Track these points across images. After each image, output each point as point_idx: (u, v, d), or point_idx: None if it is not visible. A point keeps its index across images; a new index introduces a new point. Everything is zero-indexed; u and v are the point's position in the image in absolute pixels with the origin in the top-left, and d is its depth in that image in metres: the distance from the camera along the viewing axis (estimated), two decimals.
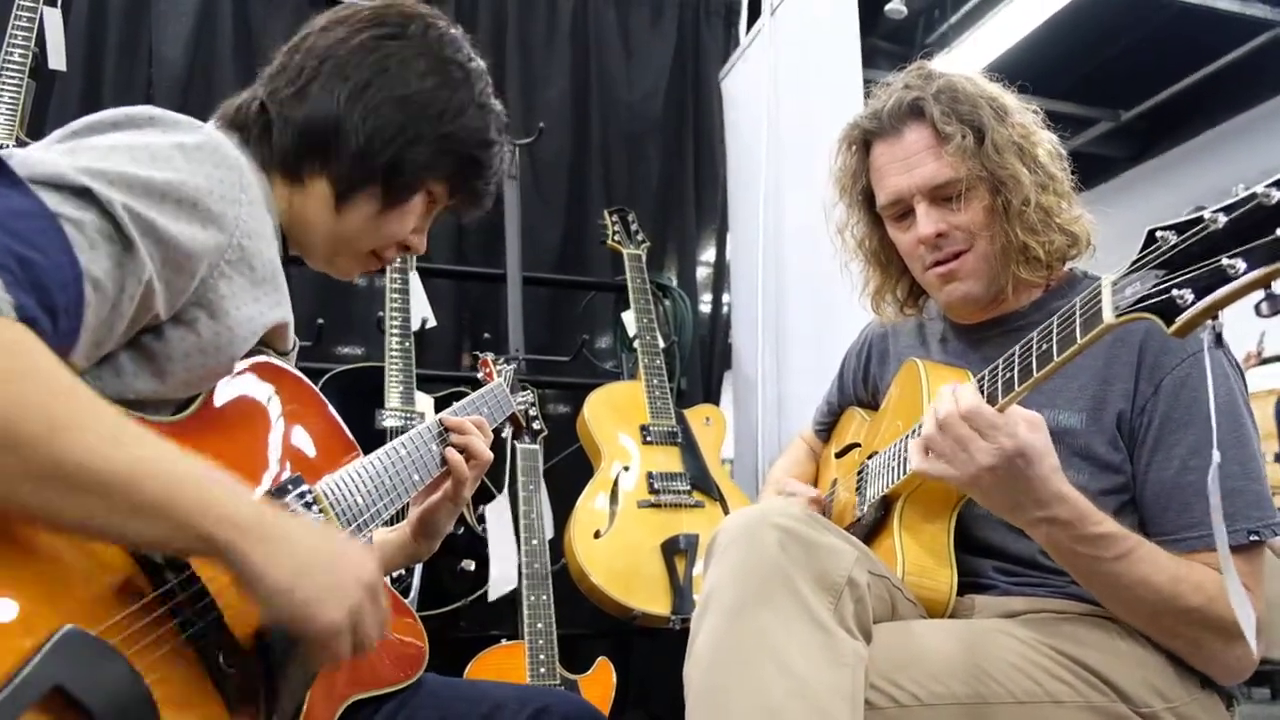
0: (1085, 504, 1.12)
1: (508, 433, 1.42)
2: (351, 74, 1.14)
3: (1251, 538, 1.18)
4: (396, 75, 1.15)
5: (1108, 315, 0.95)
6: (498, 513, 2.18)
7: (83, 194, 0.82)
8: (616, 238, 3.19)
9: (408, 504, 1.26)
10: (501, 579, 2.31)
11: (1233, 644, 1.14)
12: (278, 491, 1.00)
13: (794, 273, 3.08)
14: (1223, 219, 0.84)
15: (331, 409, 1.18)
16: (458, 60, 1.20)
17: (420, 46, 1.18)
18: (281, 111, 1.13)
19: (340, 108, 1.13)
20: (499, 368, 1.66)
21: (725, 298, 3.81)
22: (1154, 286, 0.89)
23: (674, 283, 3.50)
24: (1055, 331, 1.04)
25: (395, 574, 2.35)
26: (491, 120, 1.24)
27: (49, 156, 0.84)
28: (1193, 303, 0.84)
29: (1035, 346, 1.08)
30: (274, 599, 0.83)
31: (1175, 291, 0.86)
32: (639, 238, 3.21)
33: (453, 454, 1.29)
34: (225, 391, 1.01)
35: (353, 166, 1.14)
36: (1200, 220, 0.86)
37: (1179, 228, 0.88)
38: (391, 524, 1.30)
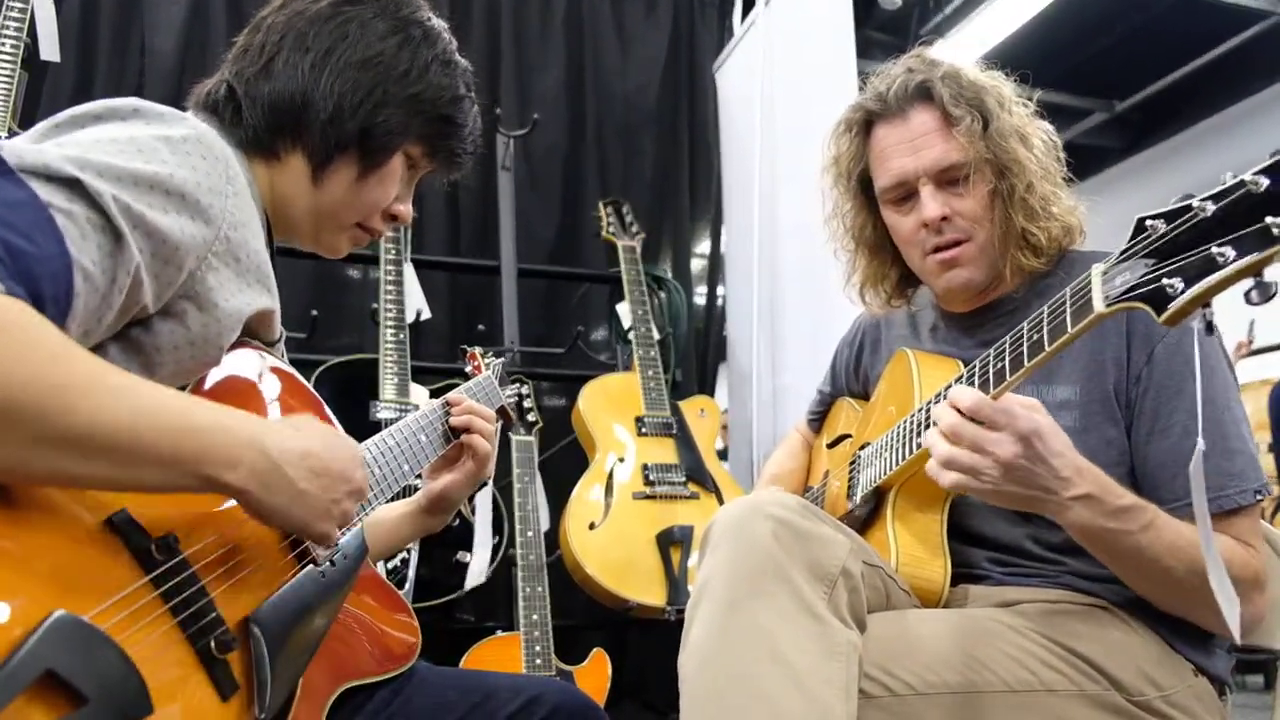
0: (1105, 476, 1.11)
1: (497, 426, 1.42)
2: (312, 44, 1.14)
3: (1257, 496, 1.20)
4: (357, 39, 1.15)
5: (1098, 305, 0.95)
6: (484, 505, 2.19)
7: (72, 185, 0.82)
8: (611, 229, 3.19)
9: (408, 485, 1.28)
10: (479, 570, 2.30)
11: (1245, 601, 1.14)
12: None
13: (789, 264, 3.08)
14: (1211, 207, 0.84)
15: (322, 403, 1.17)
16: (417, 19, 1.20)
17: (377, 9, 1.17)
18: (248, 91, 1.13)
19: (305, 78, 1.13)
20: (487, 361, 1.65)
21: (720, 289, 3.82)
22: (1144, 275, 0.89)
23: (669, 274, 3.51)
24: (1046, 321, 1.04)
25: (391, 565, 2.35)
26: (458, 76, 1.23)
27: (36, 147, 0.84)
28: (1182, 291, 0.84)
29: (1026, 336, 1.07)
30: (271, 520, 0.90)
31: (1165, 280, 0.86)
32: (634, 229, 3.21)
33: (477, 439, 1.36)
34: (215, 382, 1.00)
35: (324, 136, 1.14)
36: (1189, 208, 0.86)
37: (1168, 216, 0.88)
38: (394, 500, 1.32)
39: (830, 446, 1.67)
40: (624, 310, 3.11)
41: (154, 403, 0.79)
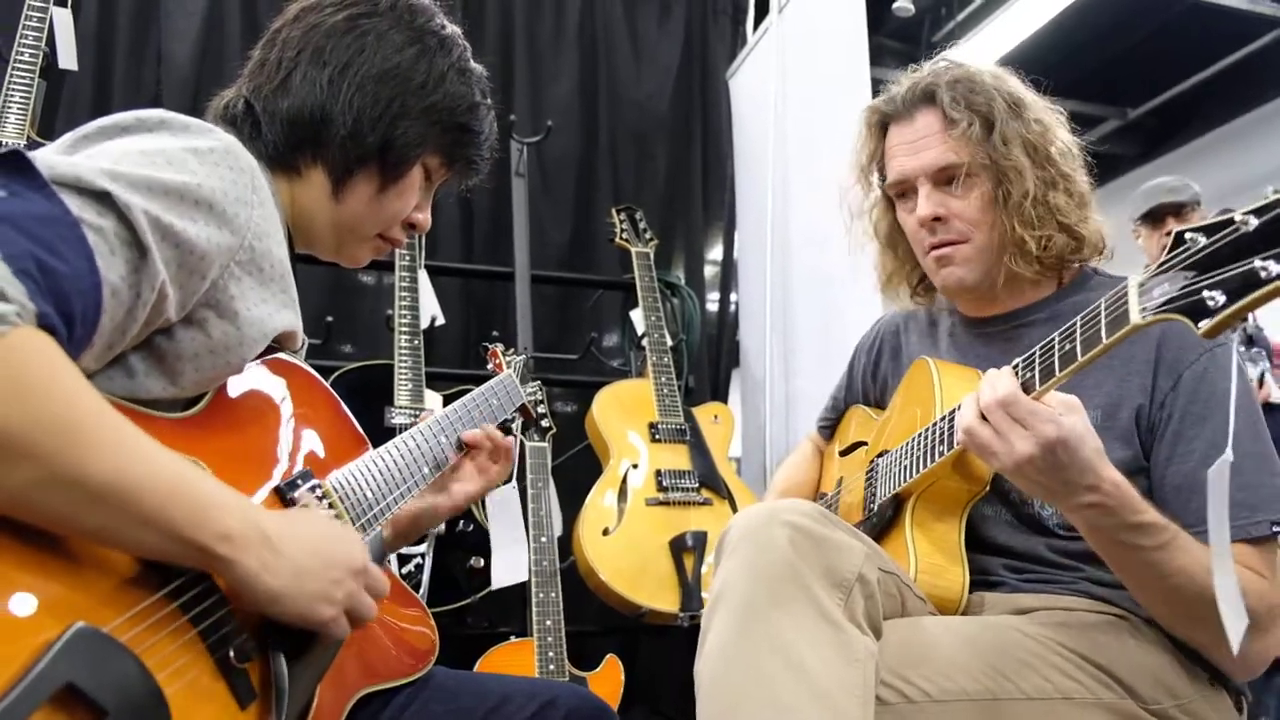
0: (1129, 490, 1.11)
1: (518, 424, 1.42)
2: (330, 58, 1.13)
3: (1274, 529, 1.18)
4: (374, 52, 1.15)
5: (1134, 316, 0.94)
6: (501, 503, 2.16)
7: (102, 198, 0.82)
8: (624, 236, 3.20)
9: None
10: (505, 569, 2.28)
11: (1253, 638, 1.14)
12: (288, 486, 1.00)
13: (801, 271, 3.09)
14: (1254, 221, 0.83)
15: (342, 404, 1.18)
16: (432, 29, 1.20)
17: (393, 19, 1.17)
18: (267, 107, 1.13)
19: (324, 93, 1.13)
20: (508, 359, 1.65)
21: (733, 296, 3.81)
22: (1182, 288, 0.88)
23: (682, 281, 3.50)
24: (1079, 332, 1.04)
25: (405, 570, 2.36)
26: (474, 83, 1.23)
27: (68, 158, 0.84)
28: (1224, 305, 0.84)
29: (1058, 346, 1.07)
30: (270, 605, 0.87)
31: (1206, 293, 0.85)
32: (647, 236, 3.21)
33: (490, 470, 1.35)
34: (236, 387, 1.01)
35: (344, 150, 1.14)
36: (1230, 222, 0.85)
37: (1208, 230, 0.88)
38: None
39: (843, 454, 1.67)
40: (637, 316, 3.11)
41: (155, 464, 0.79)
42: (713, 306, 3.88)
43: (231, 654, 0.86)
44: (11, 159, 0.79)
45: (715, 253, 4.00)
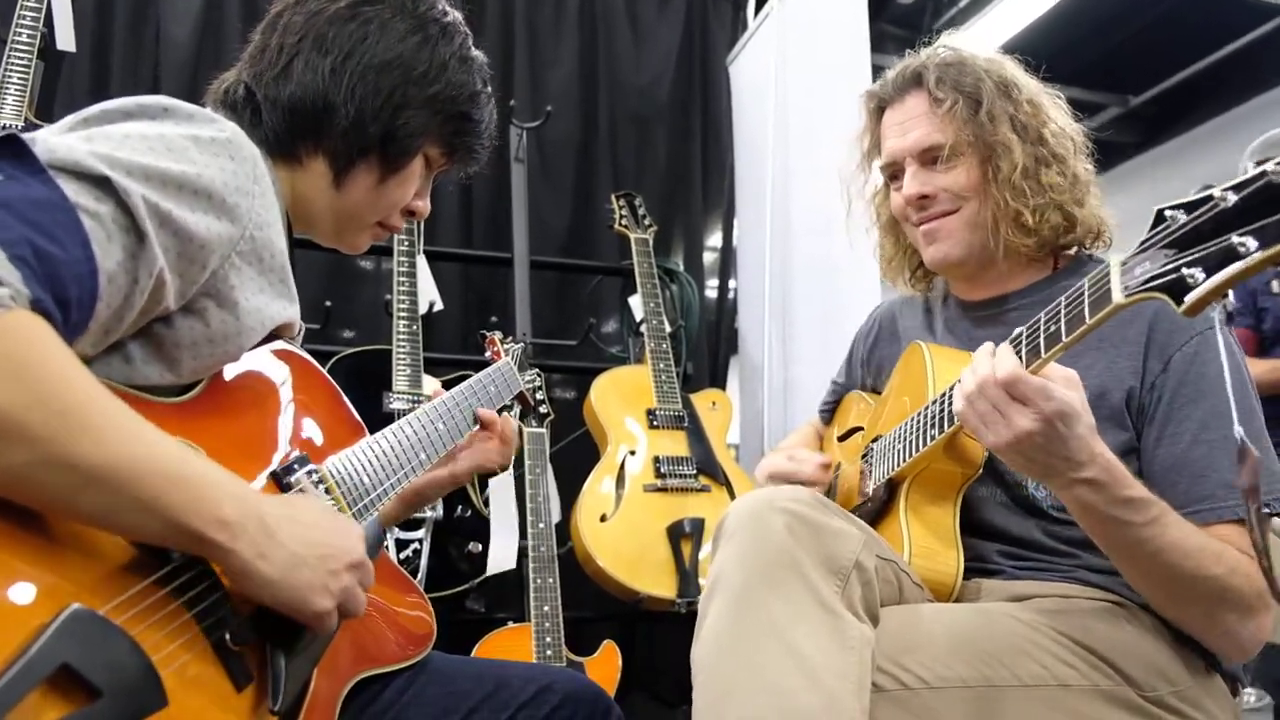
0: (1119, 467, 1.10)
1: (515, 411, 1.43)
2: (332, 46, 1.13)
3: (1266, 509, 1.18)
4: (377, 41, 1.14)
5: (1117, 295, 0.94)
6: (501, 490, 2.17)
7: (101, 183, 0.81)
8: (624, 222, 3.19)
9: None
10: (501, 557, 2.29)
11: (1246, 619, 1.15)
12: (284, 471, 1.00)
13: (800, 258, 3.08)
14: (1232, 197, 0.84)
15: (339, 391, 1.18)
16: (434, 16, 1.19)
17: (396, 7, 1.17)
18: (268, 94, 1.13)
19: (326, 82, 1.12)
20: (506, 346, 1.66)
21: (732, 282, 3.81)
22: (1163, 266, 0.89)
23: (681, 267, 3.50)
24: (1063, 312, 1.04)
25: (403, 556, 2.36)
26: (475, 72, 1.23)
27: (67, 142, 0.83)
28: (1203, 281, 0.84)
29: (1043, 328, 1.07)
30: (264, 591, 0.86)
31: (1185, 270, 0.86)
32: (646, 222, 3.21)
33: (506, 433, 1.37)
34: (232, 373, 1.01)
35: (346, 141, 1.14)
36: (1210, 199, 0.86)
37: (1188, 207, 0.88)
38: None
39: (841, 439, 1.67)
40: (636, 303, 3.11)
41: (152, 447, 0.78)
42: (712, 293, 3.88)
43: (228, 637, 0.86)
44: (8, 143, 0.78)
45: (714, 239, 3.99)
